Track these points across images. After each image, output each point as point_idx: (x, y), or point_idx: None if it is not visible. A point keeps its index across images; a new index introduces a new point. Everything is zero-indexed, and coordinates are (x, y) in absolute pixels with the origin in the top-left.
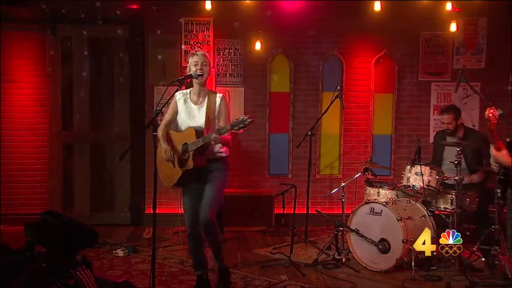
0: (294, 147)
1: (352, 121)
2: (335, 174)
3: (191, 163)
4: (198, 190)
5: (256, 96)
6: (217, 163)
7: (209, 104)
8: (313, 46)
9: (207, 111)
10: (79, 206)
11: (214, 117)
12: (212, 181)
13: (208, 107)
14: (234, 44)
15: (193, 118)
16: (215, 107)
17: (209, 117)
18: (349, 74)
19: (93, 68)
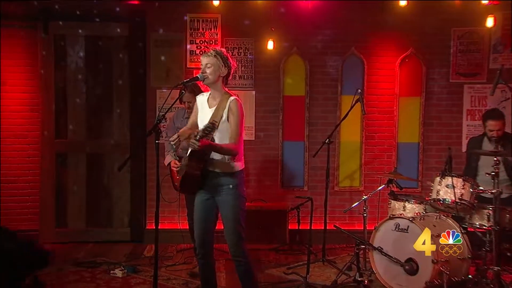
0: (310, 156)
1: (374, 127)
2: (355, 186)
3: (183, 171)
4: (207, 205)
5: (268, 100)
6: (227, 178)
7: (218, 108)
8: (331, 45)
9: (212, 115)
10: (74, 222)
11: (219, 121)
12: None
13: (216, 110)
14: (244, 43)
15: (203, 122)
16: (223, 111)
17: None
18: (371, 76)
19: (90, 70)
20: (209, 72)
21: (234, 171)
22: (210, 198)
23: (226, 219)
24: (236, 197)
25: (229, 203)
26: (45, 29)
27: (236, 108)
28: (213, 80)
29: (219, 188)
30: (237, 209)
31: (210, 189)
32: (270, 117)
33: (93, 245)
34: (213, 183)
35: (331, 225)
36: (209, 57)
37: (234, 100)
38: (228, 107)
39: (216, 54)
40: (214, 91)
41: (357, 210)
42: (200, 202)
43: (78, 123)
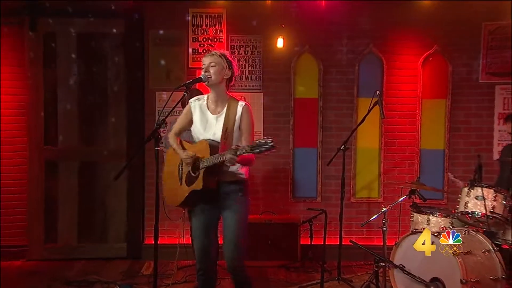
0: (324, 164)
1: (394, 133)
2: (374, 197)
3: (200, 184)
4: (209, 215)
5: (277, 103)
6: (234, 186)
7: (228, 114)
8: (347, 42)
9: (225, 122)
10: (64, 237)
11: (232, 130)
12: (231, 211)
13: (226, 117)
14: (252, 41)
15: (209, 130)
16: (235, 118)
17: (227, 130)
18: (391, 76)
19: (82, 71)
20: (213, 71)
21: (242, 179)
22: (213, 208)
23: (228, 227)
24: (243, 205)
25: (236, 210)
26: (33, 25)
27: (248, 115)
28: (216, 80)
29: (226, 196)
30: (242, 218)
31: (213, 201)
32: (279, 122)
33: (86, 262)
34: (220, 192)
35: (347, 240)
36: (212, 56)
37: (246, 106)
38: (241, 114)
39: (220, 55)
40: (216, 95)
41: (376, 224)
42: (202, 211)
43: (70, 129)
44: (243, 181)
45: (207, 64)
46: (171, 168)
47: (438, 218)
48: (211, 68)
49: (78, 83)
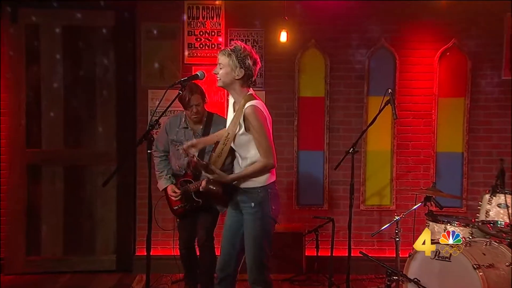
0: (331, 168)
1: (408, 134)
2: (385, 204)
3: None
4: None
5: (280, 102)
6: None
7: (235, 116)
8: (356, 36)
9: (231, 123)
10: (48, 248)
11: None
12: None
13: (233, 119)
14: (253, 34)
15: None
16: (238, 121)
17: (228, 135)
18: (404, 73)
19: (69, 67)
20: (220, 73)
21: (256, 186)
22: (238, 215)
23: (246, 240)
24: (257, 218)
25: (249, 223)
26: (14, 17)
27: (253, 117)
28: (224, 83)
29: (241, 205)
30: (257, 232)
31: (236, 205)
32: (282, 122)
33: (71, 276)
34: (236, 199)
35: (356, 251)
36: (222, 56)
37: (249, 107)
38: (244, 117)
39: (230, 53)
40: (233, 96)
41: (388, 234)
42: (229, 218)
43: (54, 130)
44: (259, 188)
45: (218, 63)
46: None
47: (456, 228)
48: (220, 69)
49: (64, 79)
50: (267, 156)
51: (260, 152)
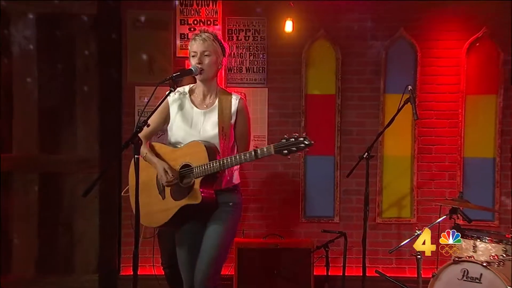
0: (343, 176)
1: (431, 137)
2: (405, 217)
3: (197, 196)
4: (196, 233)
5: (285, 100)
6: (225, 194)
7: (222, 109)
8: (372, 25)
9: (220, 119)
10: (20, 266)
11: (229, 128)
12: (216, 222)
13: (220, 113)
14: (254, 23)
15: (195, 127)
16: (230, 113)
17: (224, 129)
18: (427, 67)
19: (45, 61)
20: (207, 63)
21: (235, 184)
22: (202, 227)
23: (209, 238)
24: (234, 217)
25: (222, 220)
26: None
27: (246, 112)
28: (212, 74)
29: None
30: (228, 231)
31: (204, 214)
32: (288, 123)
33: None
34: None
35: (372, 271)
36: (205, 41)
37: (241, 100)
38: (237, 109)
39: (214, 39)
40: (205, 87)
41: (408, 250)
42: (189, 233)
43: (28, 132)
44: (236, 186)
45: (199, 52)
46: (146, 177)
47: (487, 244)
48: (205, 58)
49: (39, 75)
50: (247, 148)
51: (242, 145)
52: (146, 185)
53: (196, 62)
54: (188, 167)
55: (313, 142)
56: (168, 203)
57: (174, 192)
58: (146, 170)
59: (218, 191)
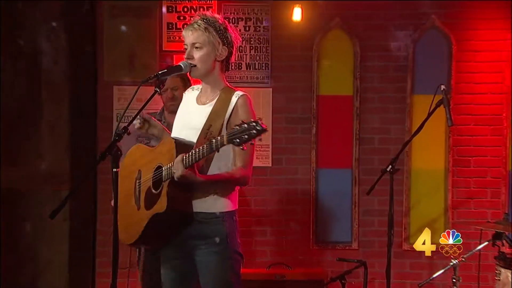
0: (362, 193)
1: (469, 147)
2: (437, 242)
3: (163, 203)
4: (181, 268)
5: (293, 103)
6: (211, 224)
7: (218, 105)
8: (397, 12)
9: (209, 117)
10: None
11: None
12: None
13: (213, 110)
14: (255, 11)
15: (189, 124)
16: (225, 112)
17: (211, 127)
18: (463, 62)
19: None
20: (198, 57)
21: (223, 211)
22: (184, 259)
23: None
24: (225, 257)
25: (213, 266)
26: None
27: (247, 110)
28: (205, 70)
29: (198, 243)
30: (225, 277)
31: (184, 243)
32: (296, 130)
33: None
34: (189, 232)
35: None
36: (196, 31)
37: (243, 97)
38: (234, 107)
39: (207, 26)
40: (208, 85)
41: (442, 283)
42: (169, 268)
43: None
44: (225, 214)
45: (189, 44)
46: (127, 186)
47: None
48: (195, 52)
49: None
50: (247, 165)
51: (239, 158)
52: (126, 195)
53: (186, 57)
54: (160, 168)
55: (266, 128)
56: (141, 213)
57: (147, 200)
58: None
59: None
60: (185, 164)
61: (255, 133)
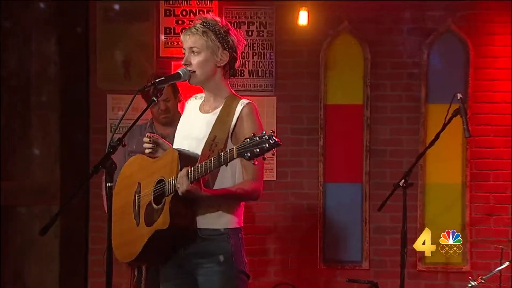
0: (373, 208)
1: (488, 160)
2: (455, 263)
3: (165, 220)
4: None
5: (299, 112)
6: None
7: (223, 114)
8: (410, 15)
9: (214, 127)
10: None
11: (226, 139)
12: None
13: (218, 119)
14: (258, 14)
15: (192, 133)
16: (231, 122)
17: (215, 138)
18: (482, 70)
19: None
20: (196, 63)
21: (228, 228)
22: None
23: None
24: (229, 277)
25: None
26: None
27: (252, 119)
28: (204, 76)
29: (201, 261)
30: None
31: (185, 261)
32: (302, 142)
33: None
34: (191, 249)
35: None
36: (194, 35)
37: (249, 105)
38: (239, 116)
39: (206, 29)
40: (210, 93)
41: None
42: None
43: None
44: (230, 231)
45: (187, 49)
46: (124, 200)
47: None
48: (193, 57)
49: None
50: (257, 178)
51: (248, 171)
52: (124, 209)
53: (183, 63)
54: (162, 182)
55: (280, 142)
56: (141, 229)
57: (147, 215)
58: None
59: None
60: (190, 179)
61: (267, 147)
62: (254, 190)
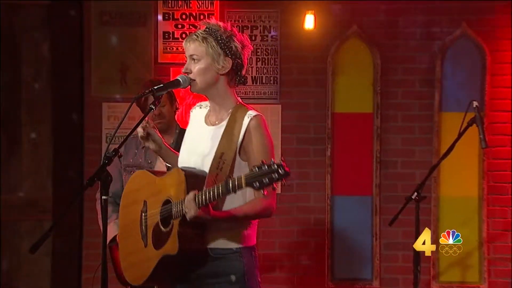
0: (384, 223)
1: (506, 172)
2: (472, 281)
3: (174, 245)
4: None
5: (305, 121)
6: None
7: (229, 128)
8: (422, 19)
9: (221, 142)
10: None
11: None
12: None
13: (225, 132)
14: (262, 18)
15: (197, 148)
16: (238, 133)
17: (223, 155)
18: (499, 76)
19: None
20: (196, 71)
21: (239, 246)
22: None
23: None
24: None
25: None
26: None
27: (261, 133)
28: (205, 84)
29: (211, 281)
30: None
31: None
32: (308, 152)
33: None
34: (202, 269)
35: None
36: (194, 42)
37: (254, 118)
38: (246, 130)
39: (207, 35)
40: (214, 103)
41: None
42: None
43: None
44: (244, 249)
45: (188, 56)
46: (131, 217)
47: None
48: (193, 64)
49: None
50: (269, 195)
51: None
52: (130, 228)
53: (183, 70)
54: (169, 203)
55: (289, 172)
56: (149, 251)
57: (155, 237)
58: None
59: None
60: (198, 204)
61: (277, 177)
62: (266, 208)
